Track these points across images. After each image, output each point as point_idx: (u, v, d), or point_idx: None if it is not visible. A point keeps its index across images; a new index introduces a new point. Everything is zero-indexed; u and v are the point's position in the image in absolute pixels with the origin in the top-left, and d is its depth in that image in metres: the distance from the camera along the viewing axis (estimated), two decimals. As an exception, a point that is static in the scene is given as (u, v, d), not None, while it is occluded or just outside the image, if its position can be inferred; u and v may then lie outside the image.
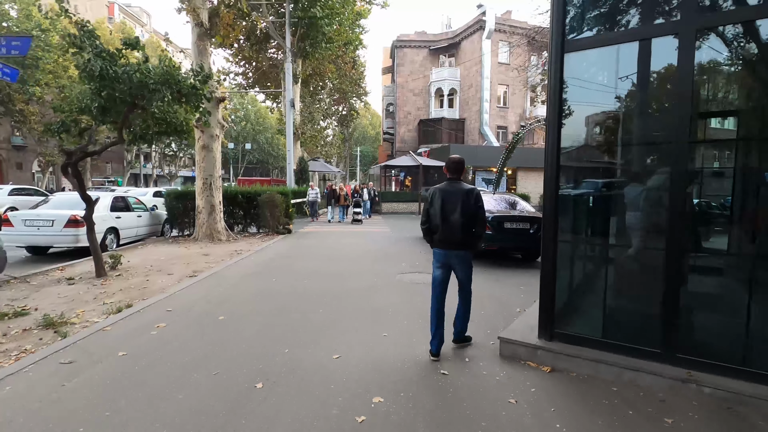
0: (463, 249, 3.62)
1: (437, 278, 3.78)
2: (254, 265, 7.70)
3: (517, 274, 7.33)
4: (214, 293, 5.63)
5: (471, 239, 3.59)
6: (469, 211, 3.50)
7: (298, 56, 22.20)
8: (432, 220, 3.66)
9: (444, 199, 3.56)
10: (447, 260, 3.70)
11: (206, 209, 10.55)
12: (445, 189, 3.62)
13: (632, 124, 3.48)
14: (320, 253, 9.09)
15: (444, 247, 3.64)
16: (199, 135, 10.54)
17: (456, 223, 3.49)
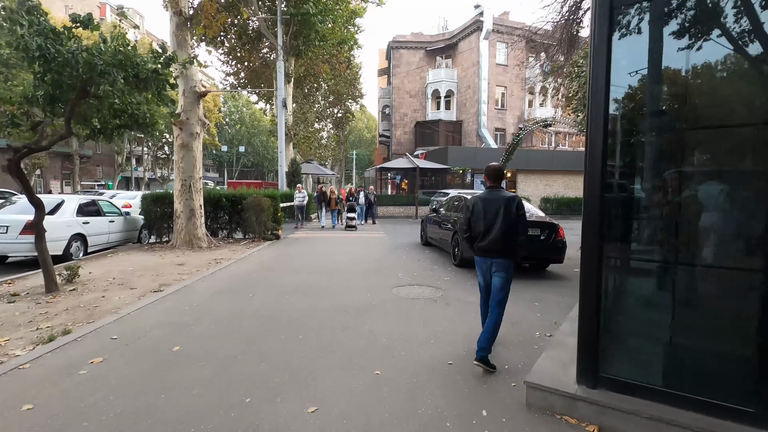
0: (504, 257, 3.55)
1: (482, 285, 3.80)
2: (232, 277, 6.83)
3: (529, 286, 6.50)
4: (175, 314, 4.76)
5: (512, 247, 3.53)
6: (510, 219, 3.47)
7: (291, 54, 21.41)
8: (474, 228, 3.69)
9: (485, 208, 3.56)
10: (487, 267, 3.66)
11: (185, 214, 9.67)
12: (486, 197, 3.60)
13: (714, 99, 2.65)
14: (308, 263, 8.23)
15: (485, 255, 3.62)
16: (177, 132, 9.68)
17: (497, 231, 3.48)
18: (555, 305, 5.44)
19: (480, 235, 3.59)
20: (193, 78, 9.76)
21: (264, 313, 4.85)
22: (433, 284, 6.52)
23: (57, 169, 44.21)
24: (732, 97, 2.55)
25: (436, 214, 10.21)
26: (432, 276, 7.14)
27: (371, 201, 18.06)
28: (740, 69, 2.47)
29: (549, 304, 5.47)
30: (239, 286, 6.22)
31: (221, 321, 4.54)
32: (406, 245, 11.06)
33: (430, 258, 9.02)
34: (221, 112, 62.79)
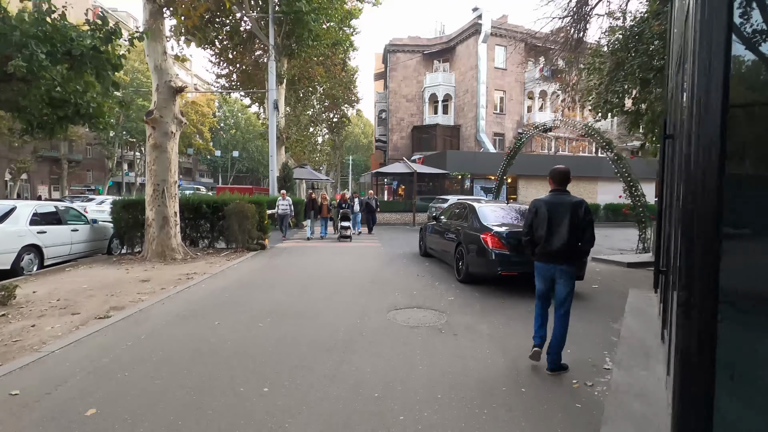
0: (568, 263, 3.47)
1: (541, 291, 3.68)
2: (201, 297, 5.84)
3: (547, 309, 5.55)
4: (112, 353, 3.77)
5: (577, 253, 3.49)
6: (577, 224, 3.39)
7: (283, 55, 20.57)
8: (536, 232, 3.59)
9: (550, 211, 3.47)
10: (550, 274, 3.56)
11: (157, 222, 8.67)
12: (551, 201, 3.53)
13: None
14: (292, 278, 7.25)
15: (547, 261, 3.54)
16: (149, 131, 8.71)
17: (562, 236, 3.39)
18: (583, 336, 4.49)
19: (543, 240, 3.48)
20: (168, 72, 8.83)
21: (227, 349, 3.87)
22: (435, 306, 5.56)
23: (45, 174, 43.08)
24: None
25: (437, 223, 9.27)
26: (434, 295, 6.18)
27: (372, 207, 16.13)
28: None
29: (576, 335, 4.52)
30: (206, 308, 5.24)
31: (168, 362, 3.56)
32: (404, 256, 10.10)
33: (431, 272, 8.06)
34: (216, 116, 62.02)
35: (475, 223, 7.17)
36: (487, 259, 6.43)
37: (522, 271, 6.32)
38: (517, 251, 6.29)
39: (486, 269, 6.57)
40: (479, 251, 6.64)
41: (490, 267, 6.40)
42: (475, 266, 6.80)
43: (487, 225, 6.83)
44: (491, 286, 6.81)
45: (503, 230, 6.52)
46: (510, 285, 6.79)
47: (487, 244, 6.45)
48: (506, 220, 7.17)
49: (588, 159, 27.64)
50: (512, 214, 7.44)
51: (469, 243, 6.99)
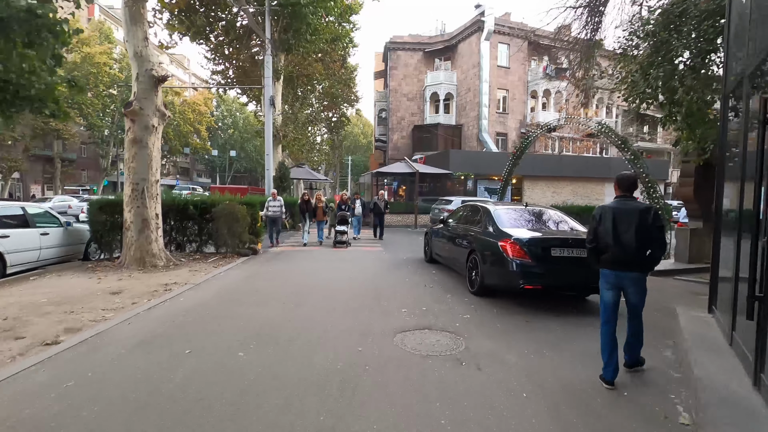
0: (637, 271, 3.36)
1: (608, 301, 3.49)
2: (174, 314, 5.01)
3: (569, 328, 4.73)
4: (41, 400, 2.93)
5: (647, 261, 3.34)
6: (646, 232, 3.28)
7: (280, 50, 19.76)
8: (601, 239, 3.46)
9: (616, 218, 3.36)
10: (618, 282, 3.42)
11: (136, 225, 7.84)
12: (618, 207, 3.41)
13: None
14: (284, 290, 6.41)
15: (615, 269, 3.41)
16: (128, 125, 7.88)
17: (630, 243, 3.28)
18: (637, 372, 3.68)
19: (609, 247, 3.40)
20: (150, 59, 8.00)
21: (191, 392, 3.03)
22: (449, 326, 4.74)
23: (38, 173, 42.27)
24: None
25: (444, 226, 8.46)
26: (446, 311, 5.36)
27: (381, 210, 14.15)
28: None
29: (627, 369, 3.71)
30: (179, 330, 4.40)
31: (112, 415, 2.73)
32: (408, 263, 9.28)
33: (440, 282, 7.24)
34: (213, 115, 61.22)
35: (490, 228, 6.36)
36: (506, 271, 5.61)
37: (548, 285, 5.50)
38: (541, 261, 5.47)
39: (505, 282, 5.75)
40: (497, 261, 5.82)
41: (510, 279, 5.59)
42: (492, 278, 5.99)
43: (505, 231, 6.01)
44: (509, 299, 5.99)
45: (525, 237, 5.70)
46: (532, 299, 5.98)
47: (506, 252, 5.63)
48: (526, 224, 6.35)
49: (595, 160, 26.86)
50: (531, 217, 6.61)
51: (485, 251, 6.17)
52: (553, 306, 5.76)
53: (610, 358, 3.33)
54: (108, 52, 38.64)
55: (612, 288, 3.45)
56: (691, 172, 10.30)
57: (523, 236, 5.73)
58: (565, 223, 6.51)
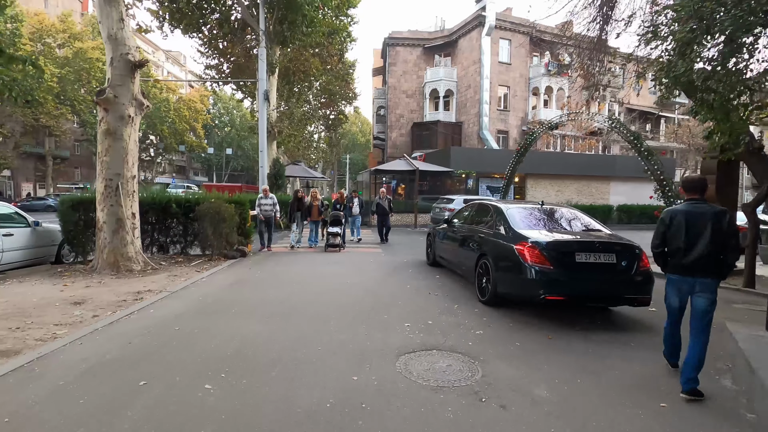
0: (711, 277, 3.18)
1: (674, 307, 3.43)
2: (139, 331, 4.27)
3: (606, 344, 4.03)
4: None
5: (719, 267, 3.18)
6: (720, 236, 3.12)
7: (275, 42, 19.01)
8: (670, 244, 3.35)
9: (688, 222, 3.23)
10: (687, 287, 3.28)
11: (109, 225, 7.10)
12: (689, 210, 3.27)
13: None
14: (271, 299, 5.69)
15: (684, 274, 3.27)
16: (101, 115, 7.14)
17: (703, 248, 3.14)
18: (696, 409, 2.98)
19: (680, 252, 3.26)
20: (126, 43, 7.25)
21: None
22: (460, 345, 4.03)
23: (30, 171, 41.41)
24: None
25: (449, 227, 7.75)
26: (455, 326, 4.65)
27: (385, 210, 12.55)
28: None
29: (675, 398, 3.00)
30: (138, 352, 3.68)
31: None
32: (409, 266, 8.57)
33: (445, 288, 6.53)
34: (210, 113, 60.42)
35: (503, 230, 5.65)
36: (523, 279, 4.90)
37: (572, 296, 4.79)
38: (564, 268, 4.77)
39: (522, 291, 5.04)
40: (512, 267, 5.11)
41: (529, 289, 4.88)
42: (507, 286, 5.28)
43: (521, 233, 5.30)
44: (524, 310, 5.29)
45: (545, 240, 4.99)
46: (549, 309, 5.27)
47: (523, 258, 4.92)
48: (544, 225, 5.64)
49: (600, 158, 26.20)
50: (549, 218, 5.90)
51: (498, 256, 5.47)
52: (573, 318, 5.05)
53: (671, 355, 3.61)
54: (101, 47, 37.78)
55: (680, 294, 3.37)
56: (713, 169, 9.62)
57: (543, 239, 5.02)
58: (587, 224, 5.80)
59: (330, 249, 10.52)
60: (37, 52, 34.27)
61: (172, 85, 51.02)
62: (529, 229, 5.44)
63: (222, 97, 61.26)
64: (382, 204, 12.54)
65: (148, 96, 34.90)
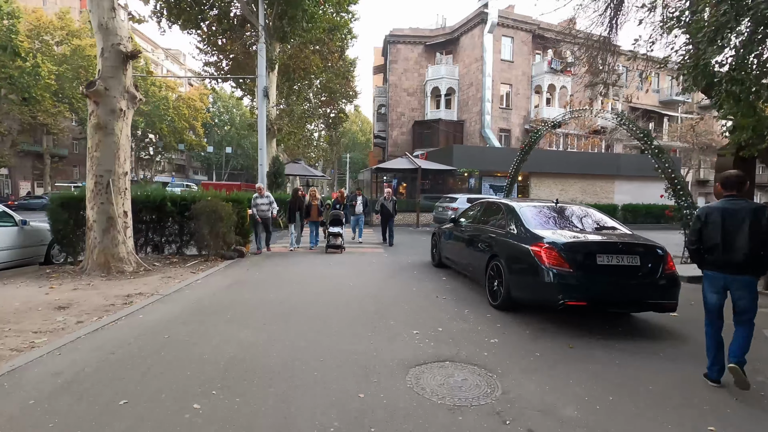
0: (749, 275, 3.13)
1: (713, 304, 3.31)
2: (124, 340, 3.93)
3: (630, 354, 3.69)
4: None
5: (759, 264, 3.12)
6: (759, 233, 3.06)
7: (275, 38, 18.66)
8: (706, 241, 3.28)
9: (725, 218, 3.18)
10: (724, 284, 3.23)
11: (100, 224, 6.76)
12: (726, 207, 3.22)
13: None
14: (268, 303, 5.34)
15: (723, 271, 3.21)
16: (91, 108, 6.79)
17: (741, 245, 3.09)
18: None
19: (717, 249, 3.19)
20: (117, 33, 6.90)
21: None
22: (476, 356, 3.69)
23: (27, 169, 41.12)
24: None
25: (456, 227, 7.41)
26: (467, 333, 4.31)
27: (389, 212, 11.69)
28: None
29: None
30: (121, 365, 3.33)
31: None
32: (413, 267, 8.22)
33: (453, 291, 6.19)
34: (210, 112, 60.09)
35: (516, 230, 5.30)
36: (540, 282, 4.56)
37: (594, 301, 4.44)
38: (585, 270, 4.42)
39: (539, 296, 4.70)
40: (528, 270, 4.77)
41: (546, 293, 4.53)
42: (521, 290, 4.93)
43: (536, 233, 4.96)
44: (540, 315, 4.95)
45: (563, 240, 4.65)
46: (566, 314, 4.92)
47: (540, 260, 4.58)
48: (560, 225, 5.29)
49: (604, 156, 25.83)
50: (565, 217, 5.55)
51: (511, 257, 5.13)
52: (592, 324, 4.71)
53: (715, 358, 3.28)
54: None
55: (717, 291, 3.28)
56: (729, 166, 9.32)
57: (561, 239, 4.67)
58: (605, 223, 5.45)
59: (331, 250, 9.96)
60: (35, 50, 33.96)
61: (171, 84, 50.73)
62: (545, 228, 5.10)
63: (222, 95, 60.96)
64: (387, 206, 11.74)
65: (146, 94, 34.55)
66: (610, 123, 33.96)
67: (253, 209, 9.43)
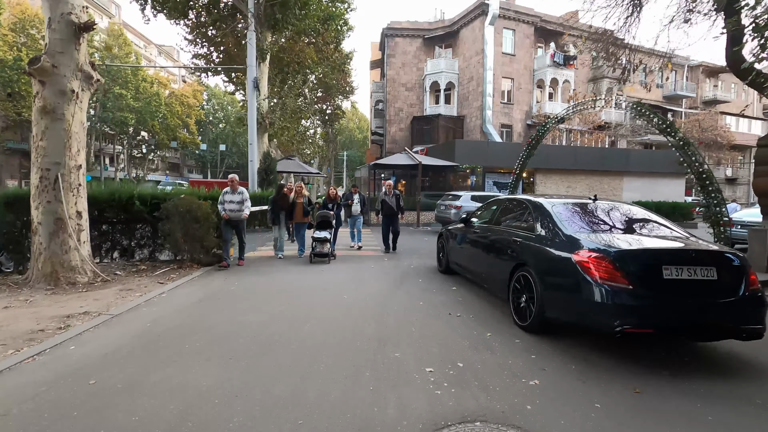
0: None
1: None
2: (31, 391, 2.88)
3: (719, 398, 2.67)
4: None
5: None
6: None
7: (266, 26, 17.56)
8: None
9: None
10: None
11: (46, 227, 5.68)
12: None
13: None
14: (240, 327, 4.27)
15: None
16: (36, 88, 5.70)
17: None
18: None
19: None
20: (68, 1, 5.81)
21: None
22: (515, 411, 2.65)
23: (14, 168, 39.80)
24: None
25: (467, 227, 6.38)
26: (497, 371, 3.27)
27: (394, 211, 9.51)
28: None
29: None
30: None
31: None
32: (418, 273, 7.19)
33: (468, 306, 5.15)
34: (204, 109, 58.88)
35: (550, 233, 4.26)
36: (588, 302, 3.52)
37: (662, 327, 3.41)
38: (648, 287, 3.40)
39: (587, 319, 3.65)
40: (569, 285, 3.73)
41: (597, 316, 3.50)
42: (560, 310, 3.90)
43: (577, 237, 3.92)
44: (581, 338, 3.93)
45: (616, 247, 3.62)
46: (611, 339, 3.89)
47: (588, 273, 3.55)
48: (604, 227, 4.26)
49: (613, 152, 24.78)
50: (610, 218, 4.51)
51: (544, 268, 4.09)
52: (652, 354, 3.69)
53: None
54: (87, 39, 36.12)
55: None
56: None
57: (613, 246, 3.64)
58: (658, 224, 4.42)
59: (317, 259, 8.19)
60: (20, 44, 32.73)
61: (163, 80, 49.49)
62: (586, 231, 4.07)
63: (216, 92, 59.79)
64: (388, 202, 9.47)
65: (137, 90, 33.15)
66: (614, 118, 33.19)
67: (220, 206, 7.54)
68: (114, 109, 39.85)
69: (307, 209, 8.88)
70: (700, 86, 39.51)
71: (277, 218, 8.67)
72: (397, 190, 9.70)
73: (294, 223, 9.21)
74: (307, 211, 8.90)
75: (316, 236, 8.14)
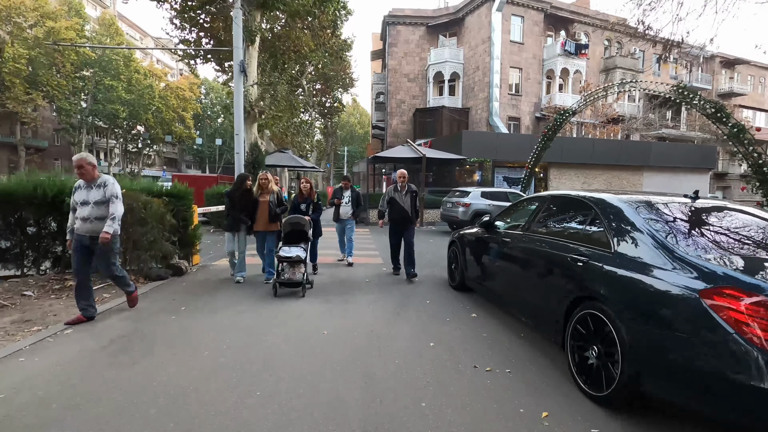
0: None
1: None
2: None
3: None
4: None
5: None
6: None
7: (254, 5, 15.97)
8: None
9: None
10: None
11: None
12: None
13: None
14: (152, 408, 2.73)
15: None
16: None
17: None
18: None
19: None
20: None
21: None
22: None
23: (2, 162, 38.42)
24: None
25: (490, 234, 4.81)
26: None
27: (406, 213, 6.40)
28: None
29: None
30: None
31: None
32: (425, 291, 5.61)
33: (500, 350, 3.58)
34: (201, 103, 57.36)
35: (643, 254, 2.67)
36: (736, 375, 1.96)
37: None
38: None
39: (730, 408, 2.08)
40: (695, 344, 2.16)
41: (754, 401, 1.93)
42: (677, 386, 2.29)
43: (701, 265, 2.34)
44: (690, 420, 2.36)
45: None
46: None
47: (736, 325, 1.98)
48: (727, 244, 2.68)
49: (633, 145, 23.03)
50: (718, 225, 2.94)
51: (640, 310, 2.50)
52: None
53: None
54: (76, 28, 34.63)
55: None
56: None
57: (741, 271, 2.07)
58: None
59: (284, 290, 5.48)
60: (6, 32, 31.19)
61: (158, 72, 47.94)
62: (714, 252, 2.49)
63: (214, 86, 58.27)
64: (400, 201, 6.40)
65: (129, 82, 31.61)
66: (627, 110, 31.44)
67: (71, 215, 4.23)
68: (105, 101, 38.38)
69: (275, 211, 5.95)
70: (715, 78, 37.74)
71: (235, 223, 5.94)
72: (412, 184, 6.63)
73: (257, 232, 6.08)
74: (276, 214, 5.96)
75: (283, 255, 5.42)
